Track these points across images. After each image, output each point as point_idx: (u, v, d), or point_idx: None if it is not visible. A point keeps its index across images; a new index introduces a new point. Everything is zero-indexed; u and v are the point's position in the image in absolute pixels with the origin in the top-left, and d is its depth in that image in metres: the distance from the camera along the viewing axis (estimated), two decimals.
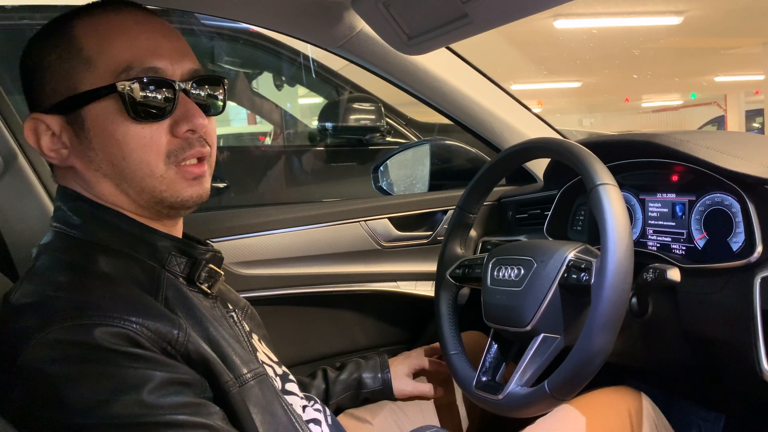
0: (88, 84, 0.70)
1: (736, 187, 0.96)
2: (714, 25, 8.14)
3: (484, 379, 1.00)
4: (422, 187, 1.63)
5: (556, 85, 12.99)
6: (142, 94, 0.69)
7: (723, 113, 13.93)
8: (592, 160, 0.90)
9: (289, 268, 1.35)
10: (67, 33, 0.72)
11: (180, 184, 0.73)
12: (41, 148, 0.73)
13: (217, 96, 0.79)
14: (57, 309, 0.62)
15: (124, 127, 0.70)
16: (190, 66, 0.75)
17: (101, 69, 0.70)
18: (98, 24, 0.72)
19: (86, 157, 0.72)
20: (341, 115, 2.59)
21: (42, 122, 0.72)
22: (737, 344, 0.93)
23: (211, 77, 0.77)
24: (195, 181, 0.75)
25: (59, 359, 0.60)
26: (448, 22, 0.90)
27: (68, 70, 0.71)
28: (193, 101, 0.74)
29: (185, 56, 0.75)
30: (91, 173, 0.73)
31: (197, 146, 0.74)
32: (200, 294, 0.78)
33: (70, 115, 0.71)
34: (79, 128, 0.71)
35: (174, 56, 0.73)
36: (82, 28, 0.72)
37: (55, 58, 0.71)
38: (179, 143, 0.73)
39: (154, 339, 0.64)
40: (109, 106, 0.70)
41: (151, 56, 0.71)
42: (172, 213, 0.76)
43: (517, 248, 1.02)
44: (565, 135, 1.52)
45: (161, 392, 0.61)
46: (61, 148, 0.73)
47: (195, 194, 0.75)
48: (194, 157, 0.74)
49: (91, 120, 0.71)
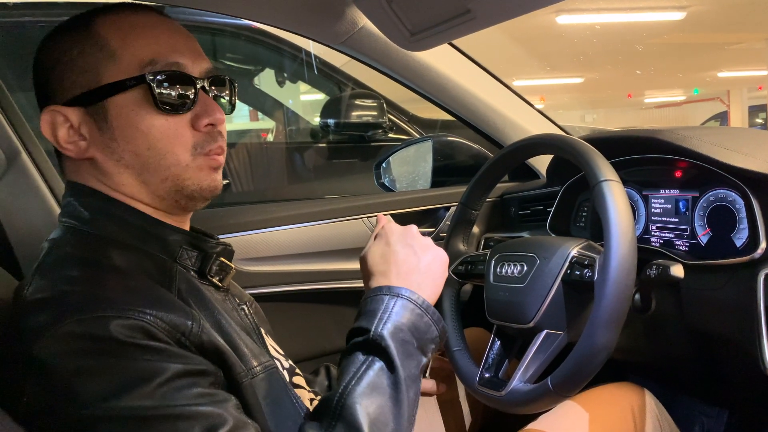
0: (113, 76, 0.72)
1: (740, 183, 0.96)
2: (717, 20, 8.12)
3: (487, 376, 1.00)
4: (424, 184, 1.63)
5: (558, 80, 12.98)
6: (168, 86, 0.72)
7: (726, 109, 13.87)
8: (596, 156, 0.90)
9: (292, 265, 1.36)
10: (89, 29, 0.74)
11: (204, 173, 0.76)
12: (58, 140, 0.74)
13: (229, 97, 0.82)
14: (71, 303, 0.63)
15: (149, 118, 0.72)
16: (207, 65, 0.78)
17: (126, 62, 0.72)
18: (120, 21, 0.74)
19: (108, 148, 0.73)
20: (343, 111, 2.59)
21: (60, 114, 0.73)
22: (740, 340, 0.93)
23: (225, 79, 0.81)
24: (215, 170, 0.78)
25: (73, 352, 0.60)
26: (450, 18, 0.90)
27: (92, 63, 0.72)
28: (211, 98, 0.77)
29: (202, 56, 0.78)
30: (112, 164, 0.74)
31: (219, 140, 0.77)
32: (212, 287, 0.78)
33: (92, 107, 0.73)
34: (102, 119, 0.73)
35: (193, 55, 0.76)
36: (105, 25, 0.74)
37: (77, 53, 0.73)
38: (203, 136, 0.76)
39: (168, 330, 0.64)
40: (134, 98, 0.72)
41: (173, 53, 0.74)
42: (190, 204, 0.78)
43: (520, 245, 1.02)
44: (568, 131, 1.52)
45: (176, 384, 0.62)
46: (79, 140, 0.74)
47: (213, 183, 0.78)
48: (219, 148, 0.77)
49: (114, 111, 0.72)
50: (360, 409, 0.65)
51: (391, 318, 0.72)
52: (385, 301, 0.74)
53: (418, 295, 0.76)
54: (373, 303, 0.75)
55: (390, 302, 0.74)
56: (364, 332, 0.72)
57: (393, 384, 0.69)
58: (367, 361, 0.69)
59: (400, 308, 0.74)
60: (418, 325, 0.74)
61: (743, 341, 0.92)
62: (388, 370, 0.69)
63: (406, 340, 0.72)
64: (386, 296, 0.75)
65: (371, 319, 0.73)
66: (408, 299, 0.75)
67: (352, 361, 0.70)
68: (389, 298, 0.75)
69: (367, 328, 0.72)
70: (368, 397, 0.66)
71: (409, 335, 0.72)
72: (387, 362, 0.69)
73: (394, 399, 0.68)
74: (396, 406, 0.68)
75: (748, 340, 0.91)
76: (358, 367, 0.69)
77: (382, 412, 0.67)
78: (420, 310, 0.75)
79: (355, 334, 0.73)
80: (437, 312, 0.77)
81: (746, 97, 13.83)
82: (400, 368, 0.69)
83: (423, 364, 0.74)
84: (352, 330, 0.75)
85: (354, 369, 0.69)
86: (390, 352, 0.70)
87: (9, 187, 1.11)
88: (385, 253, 0.82)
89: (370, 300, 0.76)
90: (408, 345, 0.72)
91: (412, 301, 0.75)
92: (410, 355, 0.72)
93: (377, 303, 0.74)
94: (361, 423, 0.64)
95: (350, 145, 2.73)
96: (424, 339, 0.74)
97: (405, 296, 0.75)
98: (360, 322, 0.74)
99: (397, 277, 0.79)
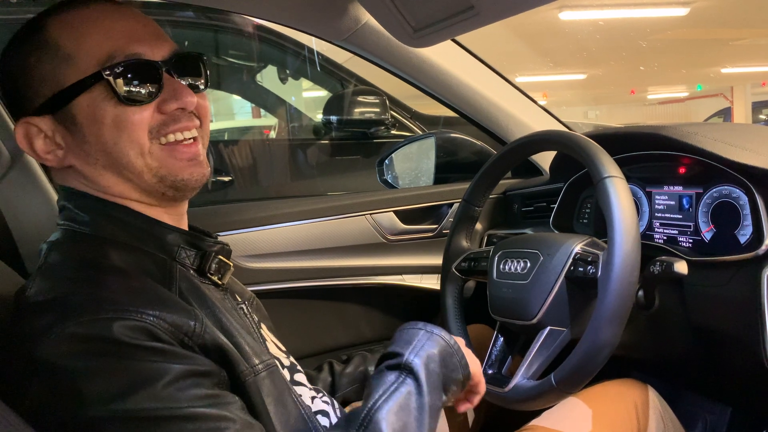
0: (72, 79, 0.70)
1: (744, 179, 0.95)
2: (721, 16, 8.08)
3: (490, 372, 1.00)
4: (427, 181, 1.63)
5: (561, 77, 12.93)
6: (128, 78, 0.70)
7: (729, 105, 13.83)
8: (599, 153, 0.90)
9: (295, 262, 1.36)
10: (41, 34, 0.72)
11: (173, 163, 0.74)
12: (36, 152, 0.73)
13: (200, 72, 0.79)
14: (74, 304, 0.63)
15: (113, 112, 0.71)
16: (169, 47, 0.75)
17: (82, 63, 0.70)
18: (71, 20, 0.72)
19: (82, 151, 0.72)
20: (346, 108, 2.59)
21: (33, 125, 0.72)
22: (744, 337, 0.93)
23: (191, 55, 0.78)
24: (191, 162, 0.75)
25: (77, 353, 0.60)
26: (453, 14, 0.90)
27: (49, 70, 0.71)
28: (179, 80, 0.75)
29: (163, 39, 0.75)
30: (91, 168, 0.73)
31: (184, 120, 0.74)
32: (211, 285, 0.78)
33: (59, 113, 0.72)
34: (71, 124, 0.72)
35: (152, 40, 0.74)
36: (56, 27, 0.72)
37: (34, 61, 0.71)
38: (162, 118, 0.73)
39: (171, 331, 0.64)
40: (97, 95, 0.70)
41: (130, 42, 0.72)
42: (178, 195, 0.77)
43: (523, 241, 1.02)
44: (571, 127, 1.52)
45: (179, 385, 0.61)
46: (56, 149, 0.73)
47: (197, 174, 0.76)
48: (179, 130, 0.74)
49: (80, 113, 0.71)
50: (386, 425, 0.67)
51: (425, 348, 0.75)
52: (420, 335, 0.77)
53: (450, 336, 0.79)
54: (408, 334, 0.78)
55: (424, 336, 0.77)
56: (397, 356, 0.75)
57: (419, 407, 0.71)
58: (398, 381, 0.72)
59: (433, 343, 0.77)
60: (447, 361, 0.77)
61: (747, 338, 0.92)
62: (416, 393, 0.71)
63: (436, 372, 0.75)
64: (421, 331, 0.78)
65: (406, 346, 0.76)
66: (441, 338, 0.78)
67: (383, 380, 0.72)
68: (424, 333, 0.78)
69: (401, 353, 0.74)
70: (395, 415, 0.68)
71: (439, 368, 0.75)
72: (416, 386, 0.72)
73: (419, 421, 0.70)
74: (419, 428, 0.70)
75: (752, 337, 0.91)
76: (389, 386, 0.71)
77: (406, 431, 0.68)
78: (451, 350, 0.78)
79: (388, 357, 0.76)
80: (465, 359, 0.79)
81: (750, 93, 13.79)
82: (426, 395, 0.72)
83: (444, 401, 0.76)
84: (385, 354, 0.77)
85: (385, 387, 0.71)
86: (420, 378, 0.72)
87: (13, 184, 1.12)
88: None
89: (405, 331, 0.79)
90: (435, 375, 0.74)
91: (445, 340, 0.78)
92: (436, 387, 0.74)
93: (413, 335, 0.78)
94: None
95: (353, 142, 2.73)
96: (450, 377, 0.77)
97: (438, 335, 0.78)
98: (394, 347, 0.76)
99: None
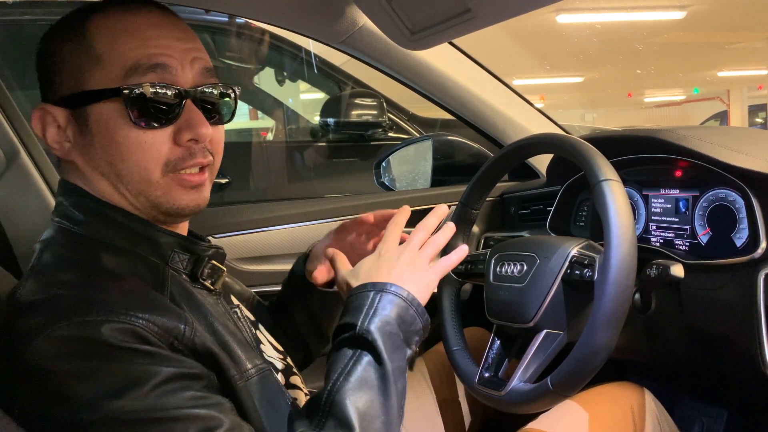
0: (96, 82, 0.70)
1: (740, 182, 0.96)
2: (717, 19, 8.11)
3: (486, 375, 1.00)
4: (424, 183, 1.63)
5: (558, 80, 12.96)
6: (148, 99, 0.69)
7: (726, 108, 13.87)
8: (596, 156, 0.90)
9: (290, 265, 1.35)
10: (81, 28, 0.72)
11: (177, 191, 0.73)
12: (46, 138, 0.73)
13: (226, 105, 0.78)
14: (63, 306, 0.62)
15: (125, 131, 0.70)
16: (201, 66, 0.74)
17: (109, 68, 0.70)
18: (112, 22, 0.71)
19: (87, 153, 0.72)
20: (343, 110, 2.59)
21: (49, 113, 0.73)
22: (740, 340, 0.93)
23: (222, 85, 0.77)
24: (193, 189, 0.74)
25: (65, 355, 0.60)
26: (450, 17, 0.90)
27: (78, 65, 0.71)
28: (201, 108, 0.73)
29: (197, 59, 0.74)
30: (91, 171, 0.73)
31: (199, 157, 0.73)
32: (204, 290, 0.78)
33: (76, 110, 0.72)
34: (83, 124, 0.71)
35: (185, 59, 0.73)
36: (96, 25, 0.72)
37: (68, 51, 0.72)
38: (180, 152, 0.72)
39: (160, 334, 0.64)
40: (113, 108, 0.70)
41: (160, 56, 0.71)
42: (169, 219, 0.76)
43: (520, 244, 1.02)
44: (568, 130, 1.52)
45: (168, 387, 0.61)
46: (65, 141, 0.73)
47: (192, 203, 0.75)
48: (194, 167, 0.74)
49: (94, 118, 0.71)
50: (349, 404, 0.65)
51: (378, 312, 0.72)
52: (371, 297, 0.74)
53: (404, 289, 0.75)
54: (358, 299, 0.75)
55: (376, 297, 0.74)
56: (350, 328, 0.72)
57: (381, 377, 0.69)
58: (355, 356, 0.70)
59: (386, 303, 0.74)
60: (404, 317, 0.74)
61: (743, 341, 0.92)
62: (375, 363, 0.69)
63: (393, 333, 0.72)
64: (371, 292, 0.75)
65: (357, 315, 0.72)
66: (394, 294, 0.75)
67: (340, 357, 0.70)
68: (374, 293, 0.74)
69: (353, 324, 0.72)
70: (357, 392, 0.67)
71: (396, 327, 0.73)
72: (374, 356, 0.70)
73: (383, 392, 0.68)
74: (385, 399, 0.68)
75: (749, 340, 0.91)
76: (346, 362, 0.69)
77: (371, 406, 0.67)
78: (405, 303, 0.74)
79: (342, 331, 0.73)
80: (422, 305, 0.77)
81: (746, 96, 13.82)
82: (387, 361, 0.69)
83: (409, 356, 0.74)
84: (338, 327, 0.74)
85: (342, 365, 0.69)
86: (377, 346, 0.70)
87: (8, 186, 1.11)
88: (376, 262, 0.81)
89: (355, 297, 0.75)
90: (395, 337, 0.72)
91: (398, 295, 0.74)
92: (398, 347, 0.72)
93: (363, 299, 0.74)
94: (351, 418, 0.65)
95: (350, 144, 2.73)
96: (410, 331, 0.74)
97: (391, 291, 0.75)
98: (346, 318, 0.74)
99: (387, 274, 0.78)
